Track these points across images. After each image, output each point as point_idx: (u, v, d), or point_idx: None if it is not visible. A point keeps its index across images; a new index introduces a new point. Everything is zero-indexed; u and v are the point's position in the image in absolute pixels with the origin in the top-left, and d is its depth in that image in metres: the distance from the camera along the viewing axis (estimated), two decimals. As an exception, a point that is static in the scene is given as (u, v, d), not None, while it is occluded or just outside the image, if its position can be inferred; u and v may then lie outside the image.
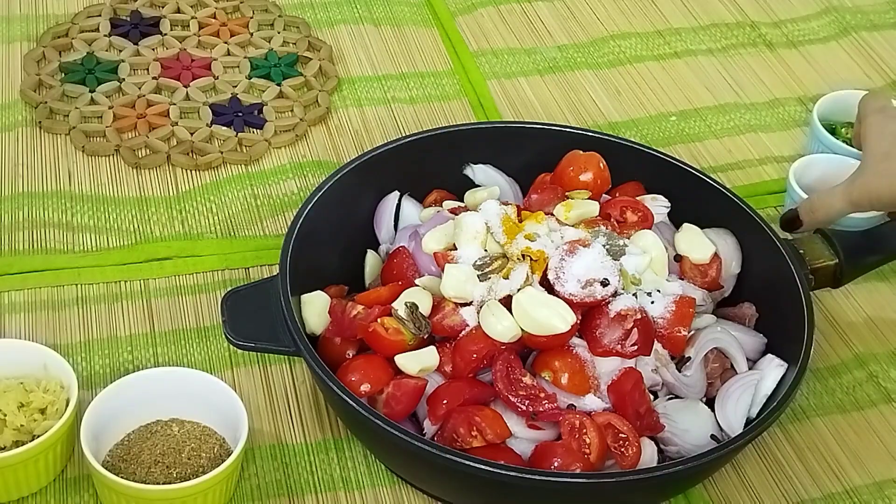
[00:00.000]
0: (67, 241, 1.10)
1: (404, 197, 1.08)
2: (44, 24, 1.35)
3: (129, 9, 1.37)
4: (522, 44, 1.41)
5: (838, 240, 1.03)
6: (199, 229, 1.13)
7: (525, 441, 0.90)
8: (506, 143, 1.10)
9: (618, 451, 0.89)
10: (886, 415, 1.03)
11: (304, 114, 1.27)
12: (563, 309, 0.91)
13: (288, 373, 1.01)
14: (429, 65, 1.36)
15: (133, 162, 1.19)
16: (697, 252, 1.02)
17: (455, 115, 1.29)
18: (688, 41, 1.43)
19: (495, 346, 0.91)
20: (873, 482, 0.98)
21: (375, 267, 1.04)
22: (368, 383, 0.90)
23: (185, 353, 1.02)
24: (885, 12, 1.51)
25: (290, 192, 1.18)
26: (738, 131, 1.31)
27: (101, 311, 1.05)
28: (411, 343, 0.92)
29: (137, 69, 1.30)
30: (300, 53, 1.34)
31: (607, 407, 0.91)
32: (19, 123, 1.22)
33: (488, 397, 0.91)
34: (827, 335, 1.09)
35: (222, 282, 1.08)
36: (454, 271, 0.93)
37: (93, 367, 1.00)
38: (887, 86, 1.39)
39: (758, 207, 1.10)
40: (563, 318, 0.90)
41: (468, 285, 0.93)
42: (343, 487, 0.94)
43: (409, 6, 1.44)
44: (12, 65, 1.29)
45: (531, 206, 1.01)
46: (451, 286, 0.93)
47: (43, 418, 0.89)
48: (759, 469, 0.98)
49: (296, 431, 0.97)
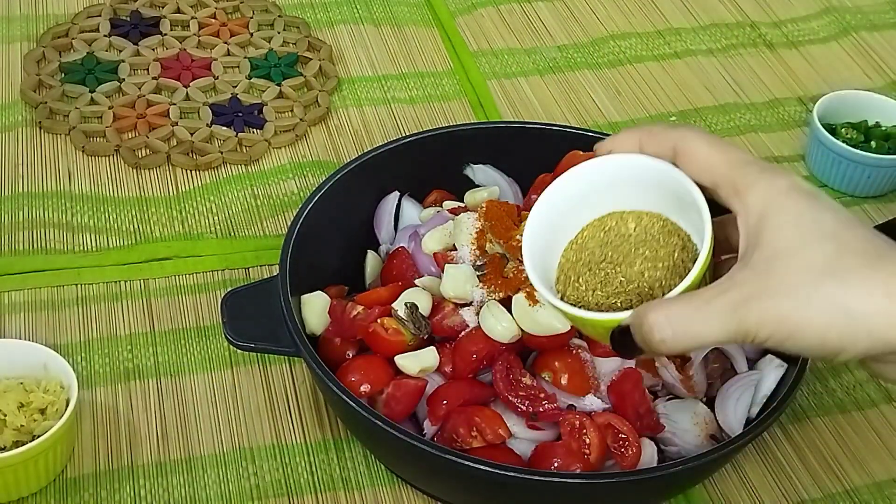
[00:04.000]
0: (67, 241, 1.10)
1: (404, 197, 1.08)
2: (44, 24, 1.35)
3: (129, 9, 1.37)
4: (522, 44, 1.41)
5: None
6: (199, 229, 1.13)
7: (525, 441, 0.90)
8: (506, 143, 1.10)
9: (618, 451, 0.89)
10: (887, 415, 1.03)
11: (304, 114, 1.27)
12: (563, 309, 0.91)
13: (288, 373, 1.01)
14: (429, 65, 1.36)
15: (133, 162, 1.19)
16: (697, 252, 1.02)
17: (455, 115, 1.29)
18: (688, 41, 1.44)
19: (495, 346, 0.91)
20: (873, 482, 0.98)
21: (375, 267, 1.04)
22: (368, 384, 0.90)
23: (185, 352, 1.02)
24: (885, 12, 1.51)
25: (290, 192, 1.18)
26: (738, 131, 1.31)
27: (101, 311, 1.05)
28: (411, 343, 0.92)
29: (137, 69, 1.30)
30: (300, 53, 1.34)
31: (607, 407, 0.91)
32: (19, 123, 1.22)
33: (488, 397, 0.91)
34: (827, 335, 1.09)
35: (222, 282, 1.08)
36: (454, 271, 0.93)
37: (93, 367, 1.00)
38: (887, 85, 1.39)
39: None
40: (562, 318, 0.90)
41: (468, 285, 0.93)
42: (343, 487, 0.94)
43: (409, 6, 1.44)
44: (12, 65, 1.29)
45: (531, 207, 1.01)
46: (451, 286, 0.93)
47: (43, 418, 0.89)
48: (759, 469, 0.98)
49: (296, 431, 0.97)
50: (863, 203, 1.24)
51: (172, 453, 0.94)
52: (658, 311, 0.66)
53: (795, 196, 0.66)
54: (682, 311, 0.66)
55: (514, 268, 0.93)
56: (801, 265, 0.64)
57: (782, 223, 0.65)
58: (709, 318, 0.65)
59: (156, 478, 0.93)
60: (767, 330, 0.64)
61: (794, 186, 0.66)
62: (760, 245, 0.66)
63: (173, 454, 0.94)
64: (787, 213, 0.65)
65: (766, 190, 0.66)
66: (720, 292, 0.65)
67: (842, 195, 1.24)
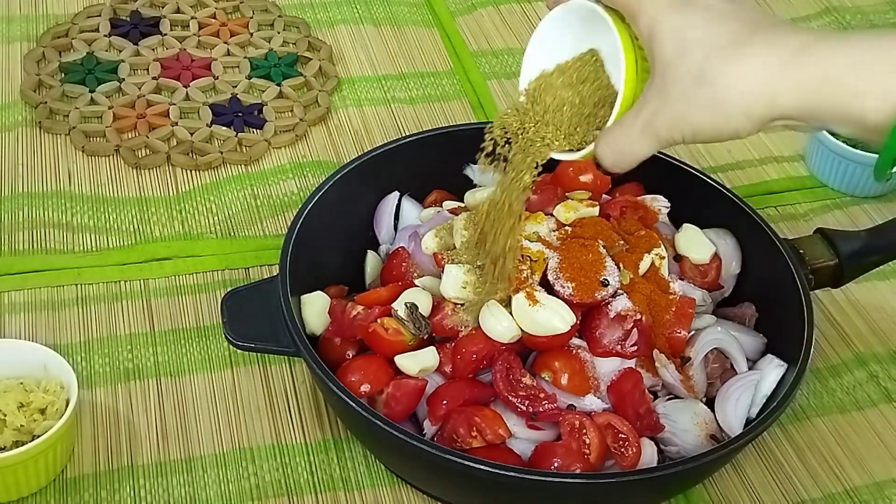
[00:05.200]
0: (67, 241, 1.10)
1: (404, 197, 1.08)
2: (44, 24, 1.35)
3: (129, 9, 1.37)
4: (522, 44, 1.40)
5: (838, 240, 1.03)
6: (199, 229, 1.13)
7: (525, 441, 0.90)
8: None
9: (618, 451, 0.89)
10: (886, 415, 1.03)
11: (304, 114, 1.27)
12: (562, 309, 0.91)
13: (288, 373, 1.01)
14: (429, 65, 1.36)
15: (133, 162, 1.19)
16: (697, 252, 1.02)
17: (455, 115, 1.29)
18: (688, 41, 1.43)
19: (495, 346, 0.91)
20: (873, 482, 0.98)
21: (375, 267, 1.04)
22: (368, 383, 0.90)
23: (185, 352, 1.02)
24: (884, 12, 1.51)
25: (290, 192, 1.18)
26: (738, 131, 1.31)
27: (101, 311, 1.05)
28: (411, 343, 0.92)
29: (137, 69, 1.30)
30: (300, 53, 1.34)
31: (607, 407, 0.91)
32: (19, 123, 1.22)
33: (488, 397, 0.91)
34: (827, 335, 1.09)
35: (222, 282, 1.08)
36: (454, 271, 0.93)
37: (93, 367, 1.00)
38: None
39: (758, 207, 1.10)
40: (562, 318, 0.90)
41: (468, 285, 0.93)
42: (343, 487, 0.94)
43: (409, 6, 1.44)
44: (12, 65, 1.29)
45: (531, 207, 1.01)
46: (451, 286, 0.93)
47: (43, 418, 0.89)
48: (759, 469, 0.98)
49: (296, 431, 0.97)
50: (863, 203, 1.24)
51: (172, 453, 0.94)
52: (599, 142, 0.79)
53: (671, 10, 0.74)
54: (614, 137, 0.78)
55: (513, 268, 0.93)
56: (682, 73, 0.73)
57: (663, 39, 0.74)
58: (634, 138, 0.76)
59: (156, 478, 0.93)
60: (678, 134, 0.75)
61: (671, 3, 0.74)
62: (654, 62, 0.75)
63: (173, 454, 0.94)
64: (665, 29, 0.74)
65: (650, 10, 0.75)
66: (636, 113, 0.76)
67: (842, 195, 1.24)
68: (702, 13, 0.74)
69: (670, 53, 0.74)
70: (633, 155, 0.78)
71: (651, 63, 0.75)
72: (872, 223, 1.18)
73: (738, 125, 0.73)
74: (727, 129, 0.73)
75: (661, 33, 0.74)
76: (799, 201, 1.24)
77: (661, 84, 0.74)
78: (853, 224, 1.20)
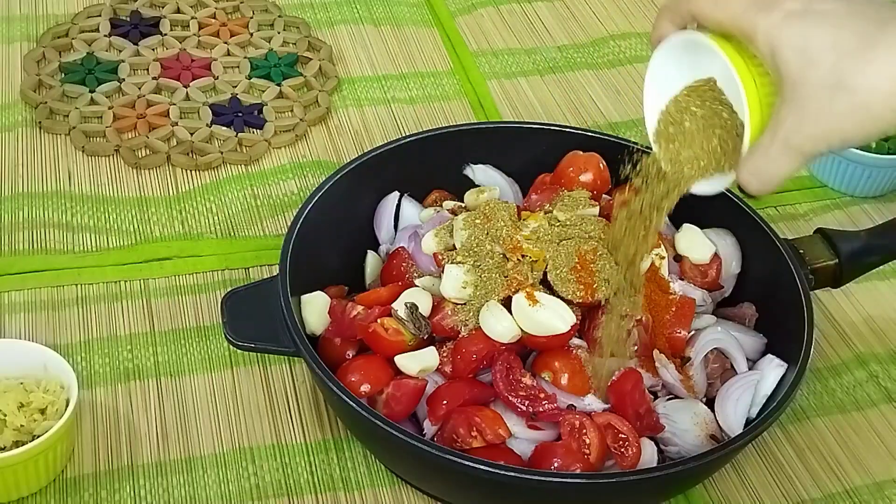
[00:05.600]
0: (67, 241, 1.10)
1: (404, 197, 1.08)
2: (44, 24, 1.35)
3: (129, 9, 1.37)
4: (522, 44, 1.41)
5: (838, 240, 1.03)
6: (199, 229, 1.13)
7: (525, 441, 0.90)
8: (506, 143, 1.10)
9: (618, 451, 0.89)
10: (887, 415, 1.03)
11: (304, 114, 1.27)
12: (562, 309, 0.91)
13: (288, 373, 1.01)
14: (429, 65, 1.36)
15: (133, 162, 1.19)
16: (697, 252, 1.02)
17: (455, 115, 1.29)
18: (688, 41, 1.43)
19: (495, 346, 0.91)
20: (873, 482, 0.98)
21: (375, 267, 1.04)
22: (368, 384, 0.90)
23: (185, 352, 1.02)
24: (885, 12, 1.51)
25: (290, 192, 1.18)
26: (738, 131, 1.31)
27: (101, 311, 1.05)
28: (411, 343, 0.92)
29: (137, 69, 1.30)
30: (300, 53, 1.34)
31: (607, 407, 0.91)
32: (19, 123, 1.22)
33: (488, 397, 0.91)
34: (827, 335, 1.09)
35: (222, 282, 1.08)
36: (454, 271, 0.93)
37: (93, 367, 1.00)
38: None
39: (758, 207, 1.10)
40: (562, 318, 0.90)
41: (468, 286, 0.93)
42: (343, 487, 0.94)
43: (409, 6, 1.44)
44: (12, 65, 1.29)
45: (531, 206, 1.01)
46: (451, 286, 0.93)
47: (43, 418, 0.89)
48: (759, 469, 0.98)
49: (296, 431, 0.97)
50: (863, 203, 1.24)
51: (172, 453, 0.94)
52: (741, 171, 0.78)
53: (788, 22, 0.72)
54: (755, 164, 0.76)
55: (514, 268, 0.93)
56: (814, 85, 0.71)
57: (787, 53, 0.72)
58: (775, 159, 0.75)
59: (156, 478, 0.93)
60: (824, 145, 0.74)
61: (787, 15, 0.72)
62: (782, 78, 0.73)
63: (173, 454, 0.94)
64: (787, 43, 0.72)
65: (767, 27, 0.72)
66: (772, 134, 0.74)
67: (842, 195, 1.24)
68: (821, 19, 0.71)
69: (797, 67, 0.72)
70: (778, 177, 0.76)
71: (778, 79, 0.74)
72: (872, 223, 1.18)
73: (888, 124, 0.72)
74: (876, 130, 0.72)
75: (782, 48, 0.72)
76: (799, 201, 1.24)
77: (794, 99, 0.72)
78: (853, 224, 1.20)
